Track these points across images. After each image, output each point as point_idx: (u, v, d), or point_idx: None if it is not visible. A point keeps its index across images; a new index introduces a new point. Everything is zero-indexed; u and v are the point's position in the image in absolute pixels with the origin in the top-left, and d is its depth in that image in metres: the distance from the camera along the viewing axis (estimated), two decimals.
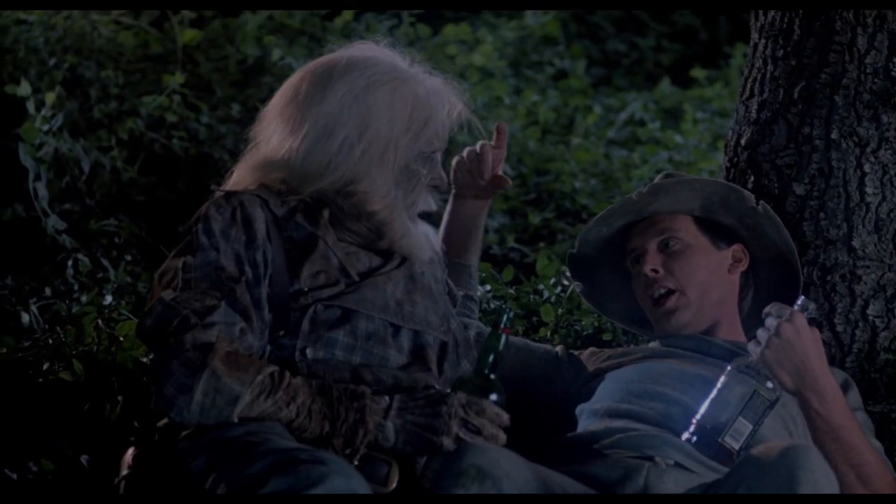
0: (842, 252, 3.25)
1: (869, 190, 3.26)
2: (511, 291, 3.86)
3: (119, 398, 3.20)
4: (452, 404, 2.54)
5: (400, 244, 2.76)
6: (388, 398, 2.55)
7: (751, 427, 2.71)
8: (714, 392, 2.75)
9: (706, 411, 2.74)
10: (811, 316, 2.76)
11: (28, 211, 4.44)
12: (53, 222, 4.33)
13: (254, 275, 2.62)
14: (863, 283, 3.25)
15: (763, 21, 3.42)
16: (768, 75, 3.38)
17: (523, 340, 3.20)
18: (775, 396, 2.73)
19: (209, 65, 5.44)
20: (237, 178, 2.78)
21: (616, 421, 2.86)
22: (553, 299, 3.76)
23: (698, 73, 7.10)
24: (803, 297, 2.79)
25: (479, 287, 3.48)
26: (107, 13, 5.47)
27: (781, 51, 3.36)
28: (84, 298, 3.84)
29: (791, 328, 2.72)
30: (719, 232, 3.12)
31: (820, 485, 2.40)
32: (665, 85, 6.98)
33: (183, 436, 2.52)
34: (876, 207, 3.26)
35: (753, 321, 3.05)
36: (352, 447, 2.50)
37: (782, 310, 2.75)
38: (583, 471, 2.70)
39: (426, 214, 2.83)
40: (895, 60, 3.27)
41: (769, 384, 2.73)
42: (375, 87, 2.72)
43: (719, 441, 2.71)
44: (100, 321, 3.43)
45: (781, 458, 2.41)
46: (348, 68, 2.74)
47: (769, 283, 3.15)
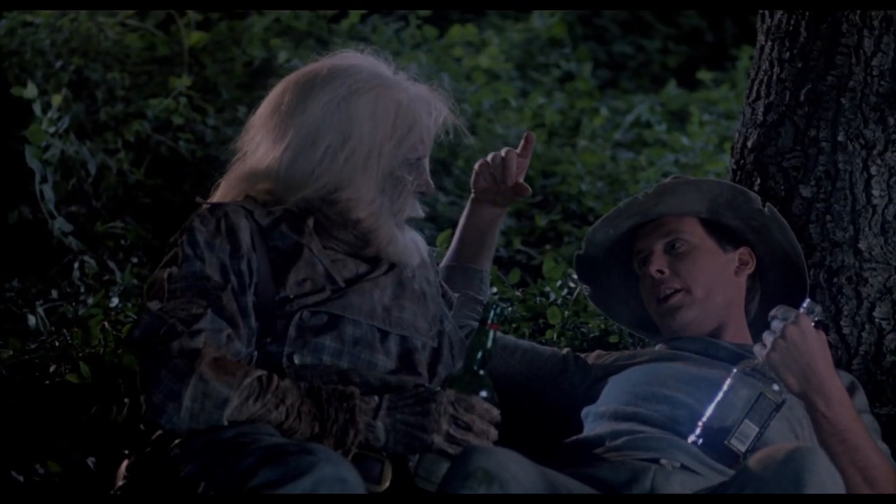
0: (848, 254, 3.25)
1: (875, 192, 3.26)
2: (517, 294, 3.86)
3: (126, 400, 3.20)
4: (441, 402, 2.54)
5: (386, 251, 2.76)
6: (378, 398, 2.56)
7: (757, 430, 2.70)
8: (720, 395, 2.75)
9: (712, 414, 2.74)
10: (817, 318, 2.76)
11: (34, 213, 4.44)
12: (60, 224, 4.33)
13: (239, 283, 2.63)
14: (869, 286, 3.24)
15: (769, 23, 3.41)
16: (775, 77, 3.37)
17: (530, 343, 3.20)
18: (781, 399, 2.73)
19: (215, 67, 5.44)
20: (223, 191, 2.79)
21: (622, 423, 2.86)
22: (559, 302, 3.76)
23: (705, 76, 7.08)
24: (809, 300, 2.78)
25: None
26: (113, 15, 5.46)
27: (788, 53, 3.36)
28: (90, 301, 3.84)
29: (797, 331, 2.71)
30: (726, 234, 3.12)
31: (826, 487, 2.40)
32: (671, 87, 6.97)
33: (175, 444, 2.53)
34: (882, 210, 3.26)
35: (761, 325, 3.04)
36: (343, 448, 2.50)
37: (788, 312, 2.75)
38: (589, 473, 2.70)
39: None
40: None
41: (775, 387, 2.73)
42: (357, 95, 2.71)
43: (725, 444, 2.71)
44: (106, 323, 3.43)
45: (787, 461, 2.42)
46: (330, 77, 2.73)
47: (776, 286, 3.15)
